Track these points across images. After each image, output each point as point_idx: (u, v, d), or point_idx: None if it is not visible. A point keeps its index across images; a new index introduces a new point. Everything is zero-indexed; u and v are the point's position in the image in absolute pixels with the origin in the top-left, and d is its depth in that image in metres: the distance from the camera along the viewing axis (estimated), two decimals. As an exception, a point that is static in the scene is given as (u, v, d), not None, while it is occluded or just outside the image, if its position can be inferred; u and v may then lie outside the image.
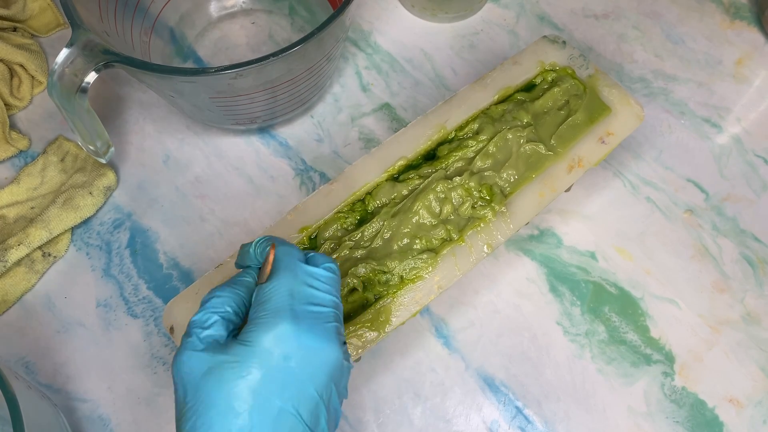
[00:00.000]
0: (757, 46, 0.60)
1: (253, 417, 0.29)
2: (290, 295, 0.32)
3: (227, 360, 0.30)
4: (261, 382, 0.29)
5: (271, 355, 0.30)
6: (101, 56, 0.42)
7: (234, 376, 0.29)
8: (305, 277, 0.33)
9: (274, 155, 0.55)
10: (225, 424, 0.29)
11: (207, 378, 0.30)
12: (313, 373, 0.31)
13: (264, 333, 0.30)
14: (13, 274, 0.49)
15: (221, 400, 0.29)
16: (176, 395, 0.31)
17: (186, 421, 0.30)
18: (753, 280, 0.50)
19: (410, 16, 0.62)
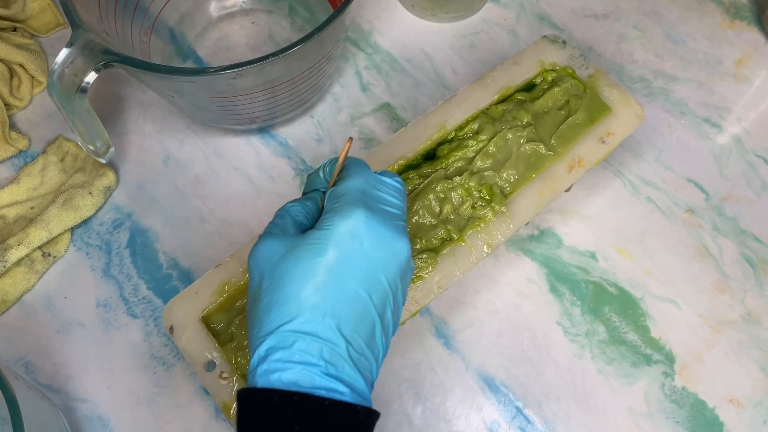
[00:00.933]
0: (757, 46, 0.60)
1: (328, 294, 0.30)
2: (362, 192, 0.33)
3: (304, 242, 0.31)
4: (337, 263, 0.30)
5: (346, 238, 0.31)
6: (101, 56, 0.42)
7: (311, 255, 0.31)
8: (375, 182, 0.34)
9: (274, 155, 0.55)
10: (300, 299, 0.30)
11: (284, 259, 0.31)
12: (385, 262, 0.32)
13: (340, 219, 0.31)
14: (13, 274, 0.49)
15: (297, 278, 0.30)
16: (251, 284, 0.32)
17: (260, 301, 0.31)
18: (753, 280, 0.50)
19: (410, 16, 0.62)
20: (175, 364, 0.48)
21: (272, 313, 0.30)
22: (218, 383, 0.41)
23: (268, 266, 0.32)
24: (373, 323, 0.31)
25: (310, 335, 0.29)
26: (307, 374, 0.29)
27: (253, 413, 0.29)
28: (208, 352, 0.41)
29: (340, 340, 0.30)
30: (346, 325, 0.30)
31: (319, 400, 0.28)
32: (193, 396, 0.47)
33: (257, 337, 0.30)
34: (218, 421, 0.46)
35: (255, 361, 0.30)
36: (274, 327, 0.30)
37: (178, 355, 0.48)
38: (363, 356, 0.31)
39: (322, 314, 0.30)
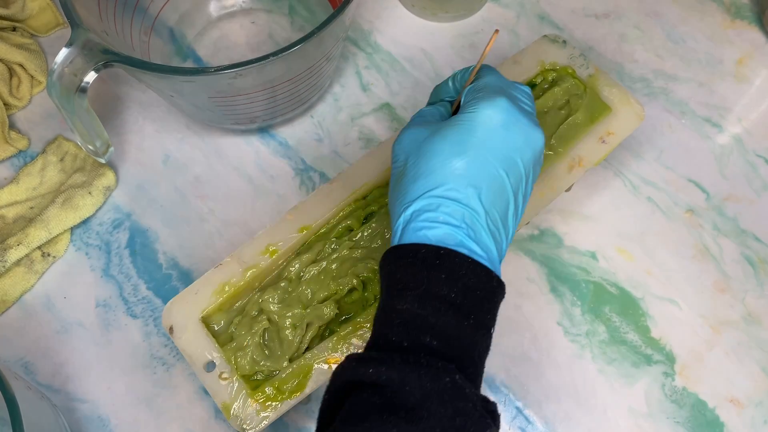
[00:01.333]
0: (757, 45, 0.60)
1: (471, 167, 0.33)
2: (501, 87, 0.35)
3: (450, 123, 0.34)
4: (480, 141, 0.33)
5: (490, 120, 0.34)
6: (101, 56, 0.42)
7: (457, 133, 0.34)
8: (509, 84, 0.37)
9: (274, 155, 0.55)
10: (446, 169, 0.33)
11: (430, 138, 0.34)
12: (523, 147, 0.34)
13: (485, 104, 0.34)
14: (13, 275, 0.49)
15: (444, 152, 0.33)
16: (395, 166, 0.36)
17: (405, 176, 0.34)
18: (754, 280, 0.50)
19: (410, 16, 0.62)
20: (175, 364, 0.48)
21: (419, 182, 0.33)
22: (218, 383, 0.41)
23: (414, 147, 0.35)
24: (508, 201, 0.34)
25: (454, 201, 0.32)
26: (451, 234, 0.32)
27: (401, 264, 0.32)
28: (207, 353, 0.41)
29: (480, 209, 0.33)
30: (486, 197, 0.33)
31: (463, 257, 0.31)
32: (193, 396, 0.47)
33: (403, 203, 0.33)
34: (218, 421, 0.46)
35: (401, 223, 0.33)
36: (421, 193, 0.33)
37: (178, 355, 0.48)
38: (497, 230, 0.34)
39: (465, 183, 0.32)
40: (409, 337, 0.31)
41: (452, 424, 0.28)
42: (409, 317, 0.31)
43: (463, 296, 0.31)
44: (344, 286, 0.43)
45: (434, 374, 0.29)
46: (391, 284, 0.33)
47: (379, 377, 0.29)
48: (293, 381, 0.41)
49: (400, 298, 0.32)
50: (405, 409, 0.28)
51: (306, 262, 0.44)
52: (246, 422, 0.40)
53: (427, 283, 0.31)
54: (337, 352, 0.41)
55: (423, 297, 0.31)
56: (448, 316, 0.31)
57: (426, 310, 0.31)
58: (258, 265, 0.44)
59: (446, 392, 0.29)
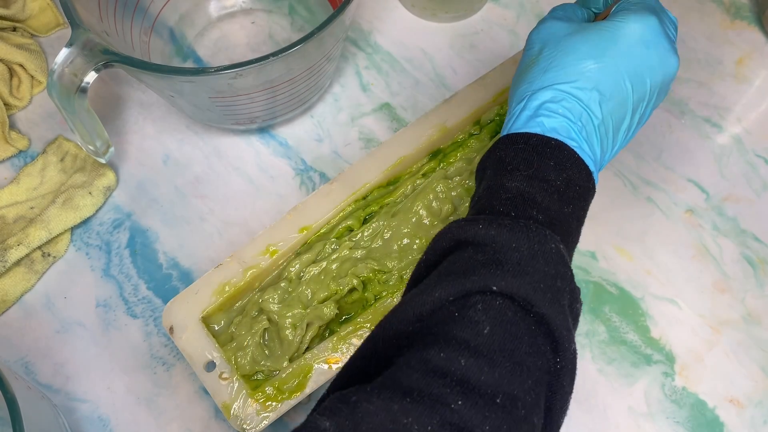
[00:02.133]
0: (757, 45, 0.60)
1: (602, 71, 0.34)
2: (655, 8, 0.36)
3: (596, 27, 0.35)
4: (618, 51, 0.34)
5: (634, 34, 0.34)
6: (101, 56, 0.42)
7: (599, 38, 0.34)
8: (662, 10, 0.37)
9: (274, 155, 0.55)
10: (578, 66, 0.34)
11: (571, 36, 0.35)
12: (655, 68, 0.35)
13: (635, 18, 0.35)
14: (13, 275, 0.49)
15: (581, 52, 0.34)
16: (528, 53, 0.36)
17: (537, 65, 0.35)
18: (753, 280, 0.50)
19: (410, 16, 0.62)
20: (175, 364, 0.48)
21: (549, 73, 0.34)
22: (218, 383, 0.41)
23: (553, 39, 0.36)
24: (625, 114, 0.35)
25: (576, 98, 0.33)
26: (565, 126, 0.33)
27: (513, 149, 0.33)
28: (208, 353, 0.41)
29: (599, 112, 0.34)
30: (607, 105, 0.34)
31: (570, 150, 0.33)
32: (193, 396, 0.47)
33: (529, 89, 0.34)
34: (218, 421, 0.46)
35: (520, 107, 0.34)
36: (549, 84, 0.34)
37: (178, 355, 0.48)
38: (607, 137, 0.35)
39: (591, 86, 0.34)
40: (516, 209, 0.32)
41: (554, 283, 0.29)
42: (518, 192, 0.32)
43: (566, 186, 0.33)
44: (344, 286, 0.43)
45: (542, 238, 0.30)
46: (500, 166, 0.34)
47: (488, 234, 0.30)
48: (293, 381, 0.41)
49: (509, 176, 0.33)
50: (512, 263, 0.29)
51: (306, 262, 0.44)
52: (246, 422, 0.40)
53: (536, 166, 0.33)
54: (337, 352, 0.41)
55: (532, 177, 0.32)
56: (554, 198, 0.32)
57: (534, 189, 0.32)
58: (258, 265, 0.44)
59: (552, 255, 0.30)
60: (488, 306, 0.28)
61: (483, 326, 0.28)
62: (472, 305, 0.28)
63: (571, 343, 0.29)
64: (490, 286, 0.28)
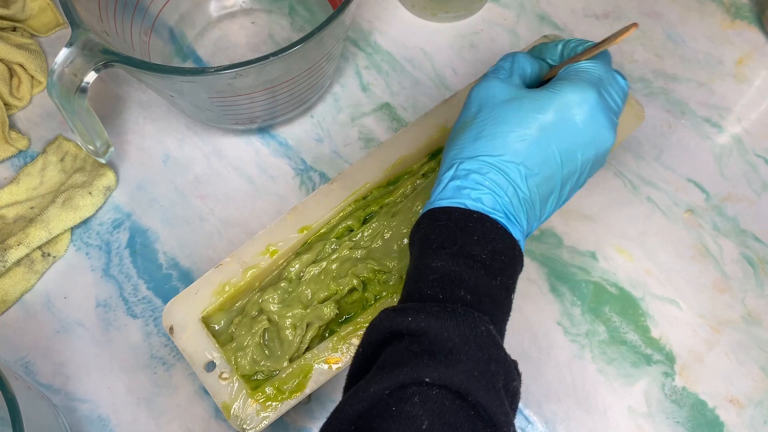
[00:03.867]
0: (757, 45, 0.60)
1: (531, 146, 0.34)
2: (600, 79, 0.36)
3: (531, 96, 0.35)
4: (550, 124, 0.34)
5: (569, 108, 0.34)
6: (101, 56, 0.42)
7: (532, 109, 0.34)
8: (611, 78, 0.37)
9: (274, 155, 0.55)
10: (507, 139, 0.34)
11: (507, 104, 0.35)
12: (588, 143, 0.35)
13: (572, 90, 0.34)
14: (13, 274, 0.49)
15: (513, 123, 0.34)
16: (465, 113, 0.37)
17: (470, 129, 0.35)
18: (753, 281, 0.50)
19: (410, 16, 0.62)
20: (175, 364, 0.48)
21: (479, 142, 0.34)
22: (218, 383, 0.41)
23: (488, 104, 0.36)
24: (554, 188, 0.35)
25: (503, 172, 0.34)
26: (491, 198, 0.34)
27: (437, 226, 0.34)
28: (208, 353, 0.41)
29: (525, 187, 0.34)
30: (533, 179, 0.34)
31: (493, 222, 0.33)
32: (193, 396, 0.47)
33: (457, 156, 0.35)
34: (218, 421, 0.46)
35: (448, 176, 0.35)
36: (477, 154, 0.34)
37: (178, 355, 0.48)
38: (533, 209, 0.35)
39: (519, 160, 0.34)
40: (444, 291, 0.32)
41: (488, 368, 0.29)
42: (444, 273, 0.32)
43: (492, 258, 0.33)
44: (344, 286, 0.43)
45: (471, 322, 0.30)
46: (425, 244, 0.34)
47: (418, 325, 0.30)
48: (293, 381, 0.41)
49: (434, 256, 0.33)
50: (444, 353, 0.29)
51: (306, 262, 0.44)
52: (246, 422, 0.40)
53: (461, 242, 0.33)
54: (337, 352, 0.41)
55: (457, 255, 0.33)
56: (480, 274, 0.32)
57: (460, 267, 0.32)
58: (258, 265, 0.44)
59: (482, 339, 0.30)
60: (425, 398, 0.28)
61: (421, 421, 0.27)
62: (409, 398, 0.28)
63: (510, 426, 0.30)
64: (423, 377, 0.28)
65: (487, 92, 0.36)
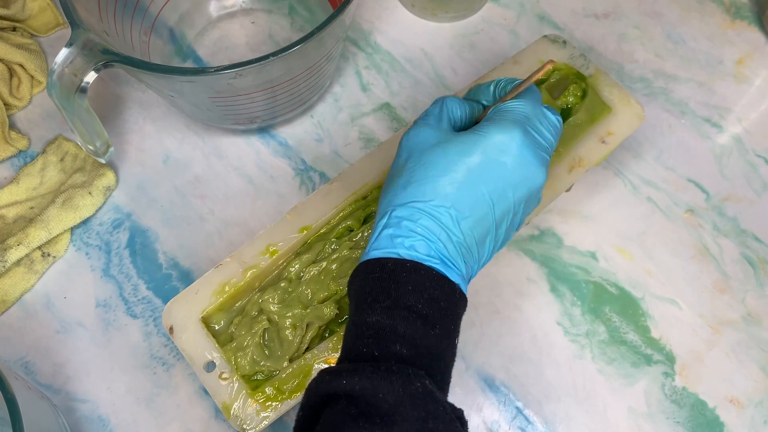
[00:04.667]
0: (757, 45, 0.60)
1: (460, 190, 0.34)
2: (526, 117, 0.36)
3: (457, 139, 0.35)
4: (478, 166, 0.34)
5: (495, 149, 0.34)
6: (101, 56, 0.42)
7: (458, 153, 0.34)
8: (540, 114, 0.37)
9: (274, 155, 0.55)
10: (436, 184, 0.34)
11: (433, 149, 0.35)
12: (518, 183, 0.35)
13: (497, 131, 0.34)
14: (13, 275, 0.49)
15: (440, 168, 0.34)
16: (397, 160, 0.37)
17: (401, 177, 0.35)
18: (754, 281, 0.50)
19: (410, 16, 0.62)
20: (174, 364, 0.48)
21: (409, 189, 0.34)
22: (218, 383, 0.41)
23: (417, 150, 0.36)
24: (488, 229, 0.35)
25: (434, 218, 0.33)
26: (424, 245, 0.33)
27: (370, 279, 0.33)
28: (207, 353, 0.41)
29: (458, 231, 0.34)
30: (466, 222, 0.34)
31: (428, 269, 0.33)
32: (193, 396, 0.47)
33: (390, 204, 0.35)
34: (218, 421, 0.46)
35: (381, 225, 0.34)
36: (408, 201, 0.34)
37: (177, 355, 0.48)
38: (470, 252, 0.34)
39: (450, 204, 0.34)
40: (379, 347, 0.32)
41: (425, 426, 0.29)
42: (379, 328, 0.32)
43: (429, 307, 0.32)
44: (344, 286, 0.43)
45: (405, 380, 0.30)
46: (360, 299, 0.33)
47: (353, 387, 0.30)
48: (293, 381, 0.41)
49: (369, 311, 0.33)
50: (379, 415, 0.29)
51: (306, 262, 0.44)
52: (246, 422, 0.40)
53: (394, 294, 0.32)
54: (337, 352, 0.41)
55: (391, 308, 0.32)
56: (416, 325, 0.32)
57: (394, 320, 0.32)
58: (258, 266, 0.44)
59: (418, 396, 0.30)
60: None
61: None
62: None
63: None
64: None
65: (416, 139, 0.36)
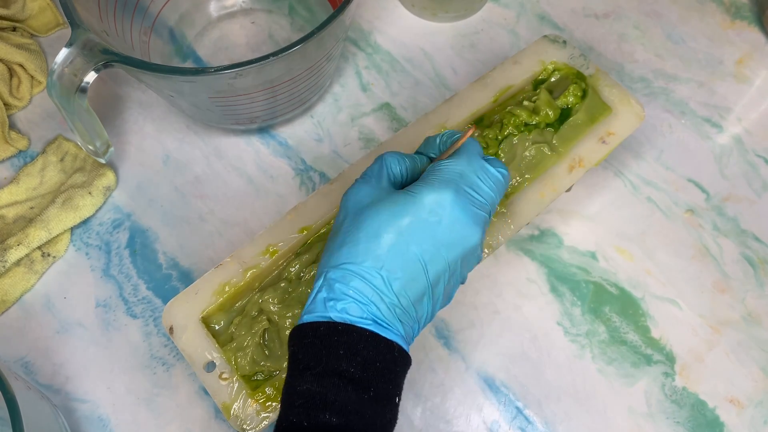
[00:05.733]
0: (757, 45, 0.60)
1: (391, 251, 0.33)
2: (460, 175, 0.36)
3: (389, 200, 0.35)
4: (408, 228, 0.34)
5: (425, 210, 0.34)
6: (101, 56, 0.42)
7: (389, 214, 0.34)
8: (478, 169, 0.36)
9: (274, 155, 0.55)
10: (368, 246, 0.33)
11: (367, 209, 0.35)
12: (452, 243, 0.34)
13: (428, 191, 0.34)
14: (13, 275, 0.49)
15: (372, 229, 0.34)
16: (337, 218, 0.37)
17: (338, 236, 0.35)
18: (754, 281, 0.50)
19: (410, 16, 0.62)
20: (174, 364, 0.48)
21: (343, 250, 0.34)
22: (218, 383, 0.41)
23: (353, 209, 0.35)
24: (423, 290, 0.34)
25: (365, 280, 0.33)
26: (357, 308, 0.33)
27: (303, 344, 0.33)
28: (207, 353, 0.41)
29: (390, 293, 0.33)
30: (397, 283, 0.33)
31: (361, 330, 0.32)
32: (193, 396, 0.47)
33: (325, 265, 0.34)
34: (218, 421, 0.46)
35: (317, 286, 0.34)
36: (340, 263, 0.34)
37: (177, 356, 0.48)
38: (407, 313, 0.34)
39: (380, 266, 0.33)
40: (308, 417, 0.31)
41: None
42: (309, 397, 0.32)
43: (363, 370, 0.32)
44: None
45: None
46: (293, 365, 0.33)
47: None
48: (293, 381, 0.41)
49: (300, 378, 0.32)
50: None
51: (306, 262, 0.44)
52: (246, 422, 0.40)
53: (325, 360, 0.32)
54: (337, 352, 0.41)
55: (322, 375, 0.32)
56: (348, 391, 0.31)
57: (325, 388, 0.31)
58: (258, 266, 0.44)
59: None
60: None
61: None
62: None
63: None
64: None
65: (354, 198, 0.36)
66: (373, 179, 0.37)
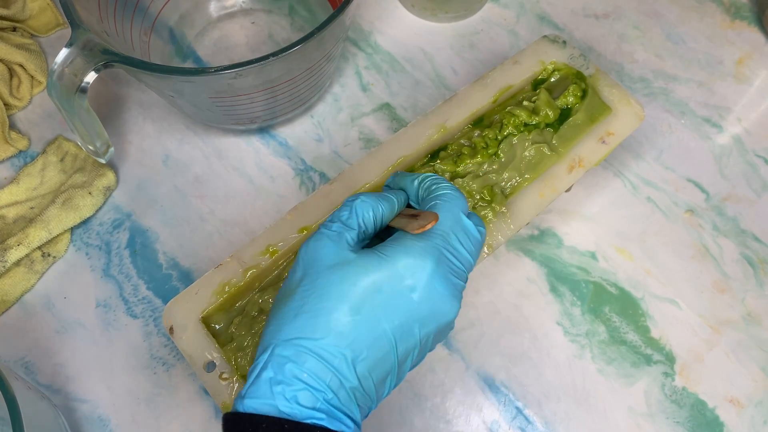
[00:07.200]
0: (757, 45, 0.60)
1: (358, 327, 0.29)
2: (443, 236, 0.31)
3: (358, 263, 0.30)
4: (378, 300, 0.29)
5: (399, 278, 0.30)
6: (101, 56, 0.42)
7: (356, 281, 0.29)
8: (459, 230, 0.32)
9: (274, 155, 0.55)
10: (330, 322, 0.28)
11: (332, 271, 0.30)
12: (426, 317, 0.30)
13: (404, 256, 0.30)
14: (13, 275, 0.49)
15: (336, 298, 0.29)
16: (292, 275, 0.31)
17: (292, 300, 0.30)
18: (753, 281, 0.50)
19: (410, 16, 0.62)
20: (175, 364, 0.48)
21: (298, 320, 0.29)
22: (218, 384, 0.41)
23: (314, 269, 0.30)
24: (389, 370, 0.30)
25: (325, 361, 0.28)
26: (310, 396, 0.28)
27: None
28: (208, 353, 0.41)
29: (352, 375, 0.29)
30: (363, 365, 0.29)
31: (309, 429, 0.27)
32: (193, 396, 0.47)
33: (274, 336, 0.29)
34: (218, 421, 0.46)
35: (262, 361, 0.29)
36: (295, 337, 0.29)
37: (178, 356, 0.48)
38: (367, 396, 0.30)
39: (344, 345, 0.28)
40: None
41: None
42: None
43: None
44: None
45: None
46: None
47: None
48: (293, 381, 0.41)
49: None
50: None
51: (306, 262, 0.44)
52: (246, 422, 0.40)
53: None
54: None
55: None
56: None
57: None
58: (258, 266, 0.44)
59: None
60: None
61: None
62: None
63: None
64: None
65: (314, 254, 0.31)
66: (338, 231, 0.32)
